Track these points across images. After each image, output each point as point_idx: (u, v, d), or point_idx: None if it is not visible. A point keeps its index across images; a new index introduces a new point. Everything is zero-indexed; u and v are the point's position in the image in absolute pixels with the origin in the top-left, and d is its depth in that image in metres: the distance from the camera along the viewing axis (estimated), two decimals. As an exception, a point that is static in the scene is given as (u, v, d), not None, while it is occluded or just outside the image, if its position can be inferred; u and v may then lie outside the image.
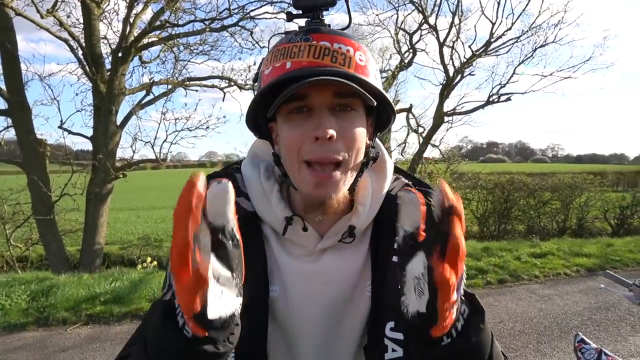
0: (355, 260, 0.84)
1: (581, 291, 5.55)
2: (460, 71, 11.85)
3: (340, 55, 0.73)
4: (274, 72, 0.74)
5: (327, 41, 0.73)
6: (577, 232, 11.43)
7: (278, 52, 0.75)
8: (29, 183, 7.93)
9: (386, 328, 0.79)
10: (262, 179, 0.83)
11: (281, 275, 0.82)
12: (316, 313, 0.83)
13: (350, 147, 0.73)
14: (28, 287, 5.15)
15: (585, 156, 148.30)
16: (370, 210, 0.83)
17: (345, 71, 0.72)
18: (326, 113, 0.72)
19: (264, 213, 0.82)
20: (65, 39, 8.52)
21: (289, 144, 0.74)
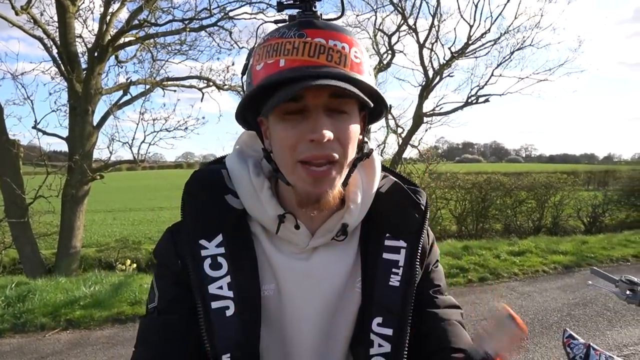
0: (346, 257, 0.85)
1: (559, 288, 5.68)
2: (440, 72, 12.01)
3: (335, 53, 0.70)
4: (266, 69, 0.72)
5: (322, 37, 0.71)
6: (552, 230, 11.71)
7: (270, 47, 0.72)
8: (1, 185, 7.69)
9: (373, 323, 0.80)
10: (252, 176, 0.81)
11: (274, 274, 0.81)
12: (310, 312, 0.83)
13: (344, 146, 0.73)
14: (3, 292, 4.98)
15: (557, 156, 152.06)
16: (362, 208, 0.83)
17: (341, 71, 0.70)
18: (322, 115, 0.71)
19: (254, 211, 0.80)
20: (39, 37, 8.30)
21: (284, 143, 0.73)
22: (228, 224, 0.80)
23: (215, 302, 0.75)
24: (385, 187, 0.88)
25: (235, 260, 0.78)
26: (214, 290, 0.76)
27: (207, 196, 0.81)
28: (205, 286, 0.76)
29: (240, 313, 0.76)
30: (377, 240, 0.84)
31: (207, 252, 0.77)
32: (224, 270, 0.77)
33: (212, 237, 0.78)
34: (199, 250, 0.77)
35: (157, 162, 60.99)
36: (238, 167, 0.83)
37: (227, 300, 0.76)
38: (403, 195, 0.87)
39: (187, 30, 9.04)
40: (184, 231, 0.80)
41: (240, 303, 0.76)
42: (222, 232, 0.79)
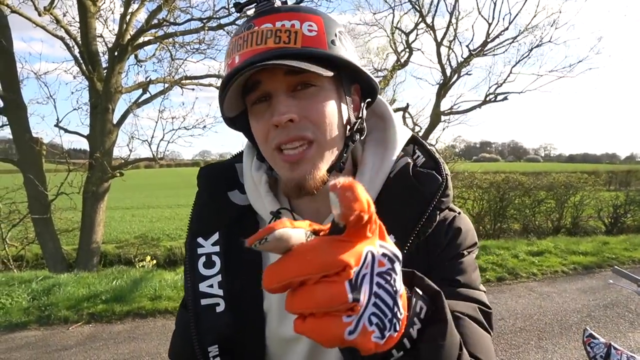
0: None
1: (579, 289, 5.60)
2: (457, 71, 11.91)
3: (284, 33, 0.67)
4: (227, 69, 0.72)
5: (270, 22, 0.68)
6: (571, 231, 11.52)
7: (229, 49, 0.73)
8: (25, 182, 7.88)
9: None
10: (253, 170, 0.81)
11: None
12: None
13: (318, 124, 0.69)
14: (28, 286, 5.11)
15: (577, 155, 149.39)
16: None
17: (290, 49, 0.67)
18: (283, 97, 0.68)
19: (256, 205, 0.80)
20: (61, 37, 8.47)
21: (258, 135, 0.72)
22: (227, 222, 0.80)
23: (204, 299, 0.76)
24: (394, 171, 0.78)
25: (232, 259, 0.78)
26: (204, 289, 0.76)
27: (209, 193, 0.83)
28: (197, 284, 0.77)
29: (232, 310, 0.76)
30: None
31: (203, 250, 0.78)
32: (216, 268, 0.77)
33: (209, 236, 0.79)
34: (196, 248, 0.78)
35: (175, 160, 61.67)
36: (245, 160, 0.84)
37: (216, 298, 0.76)
38: (406, 181, 0.76)
39: (205, 29, 9.12)
40: (189, 227, 0.82)
41: (232, 301, 0.76)
42: (219, 231, 0.79)
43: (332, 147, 0.71)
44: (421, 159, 0.80)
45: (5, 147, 9.27)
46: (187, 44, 9.85)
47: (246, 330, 0.76)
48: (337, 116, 0.71)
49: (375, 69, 13.91)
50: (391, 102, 13.69)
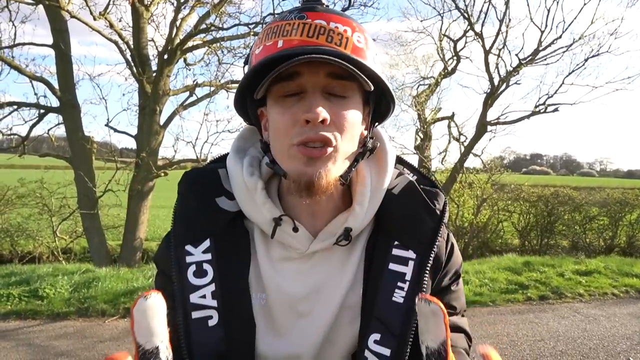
0: (348, 263, 0.77)
1: (631, 314, 5.23)
2: (506, 80, 11.52)
3: (336, 35, 0.67)
4: (264, 51, 0.69)
5: (324, 20, 0.68)
6: (626, 251, 10.85)
7: (270, 30, 0.70)
8: (76, 178, 8.27)
9: (370, 339, 0.72)
10: (245, 175, 0.76)
11: (266, 282, 0.76)
12: (306, 323, 0.76)
13: (342, 132, 0.68)
14: (71, 278, 5.33)
15: (636, 171, 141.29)
16: (369, 210, 0.76)
17: (340, 51, 0.67)
18: (319, 95, 0.67)
19: (250, 212, 0.76)
20: (115, 41, 8.85)
21: (278, 126, 0.69)
22: (218, 229, 0.76)
23: (196, 311, 0.72)
24: (398, 188, 0.79)
25: (224, 267, 0.74)
26: (195, 300, 0.72)
27: (196, 199, 0.78)
28: (187, 295, 0.72)
29: (225, 322, 0.72)
30: (384, 248, 0.76)
31: (193, 258, 0.74)
32: (209, 277, 0.73)
33: (198, 243, 0.75)
34: (184, 256, 0.74)
35: (220, 163, 63.09)
36: (233, 166, 0.79)
37: (210, 309, 0.72)
38: (417, 197, 0.78)
39: (252, 34, 9.28)
40: (171, 235, 0.77)
41: (225, 312, 0.72)
42: (210, 237, 0.75)
43: (347, 157, 0.72)
44: (413, 177, 0.83)
45: (60, 145, 9.73)
46: (234, 49, 10.07)
47: (236, 345, 0.73)
48: (357, 129, 0.72)
49: (421, 77, 13.72)
50: (436, 110, 13.43)
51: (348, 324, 0.76)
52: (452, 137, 12.97)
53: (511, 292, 5.76)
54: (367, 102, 0.75)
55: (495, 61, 11.67)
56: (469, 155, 12.35)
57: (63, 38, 8.02)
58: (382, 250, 0.76)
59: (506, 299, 5.56)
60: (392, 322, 0.72)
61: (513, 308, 5.34)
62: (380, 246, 0.77)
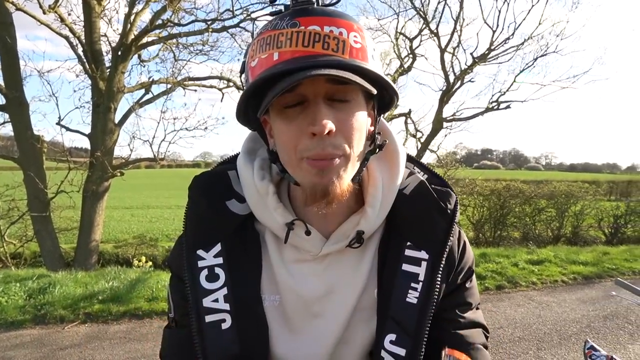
0: (361, 264, 0.78)
1: (579, 299, 5.57)
2: (461, 78, 11.90)
3: (332, 40, 0.64)
4: (260, 64, 0.67)
5: (317, 25, 0.65)
6: (571, 240, 11.50)
7: (263, 40, 0.67)
8: (25, 179, 7.87)
9: (386, 340, 0.74)
10: (256, 179, 0.76)
11: (279, 284, 0.77)
12: (321, 324, 0.78)
13: (350, 139, 0.67)
14: (25, 284, 5.09)
15: (578, 165, 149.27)
16: (381, 212, 0.76)
17: (339, 59, 0.64)
18: (322, 105, 0.65)
19: (262, 217, 0.77)
20: (65, 36, 8.49)
21: (285, 139, 0.68)
22: (229, 232, 0.77)
23: (209, 315, 0.73)
24: (409, 188, 0.80)
25: (235, 271, 0.75)
26: (208, 304, 0.73)
27: (207, 203, 0.78)
28: (200, 299, 0.73)
29: (238, 325, 0.73)
30: (397, 249, 0.77)
31: (204, 262, 0.74)
32: (221, 281, 0.74)
33: (210, 247, 0.75)
34: (196, 261, 0.75)
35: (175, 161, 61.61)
36: (244, 169, 0.79)
37: (222, 313, 0.73)
38: (429, 197, 0.79)
39: (209, 30, 9.13)
40: (183, 240, 0.77)
41: (238, 315, 0.73)
42: (221, 242, 0.76)
43: (357, 160, 0.70)
44: (424, 176, 0.83)
45: (6, 144, 9.24)
46: (190, 45, 9.88)
47: (249, 347, 0.74)
48: (364, 130, 0.71)
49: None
50: (393, 107, 13.67)
51: (363, 324, 0.78)
52: (409, 134, 13.27)
53: (470, 282, 5.98)
54: (371, 97, 0.73)
55: (451, 59, 12.04)
56: (426, 151, 12.69)
57: (8, 31, 7.58)
58: (395, 251, 0.77)
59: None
60: (407, 323, 0.74)
61: (472, 298, 5.56)
62: (393, 247, 0.78)
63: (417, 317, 0.74)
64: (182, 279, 0.76)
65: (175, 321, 0.80)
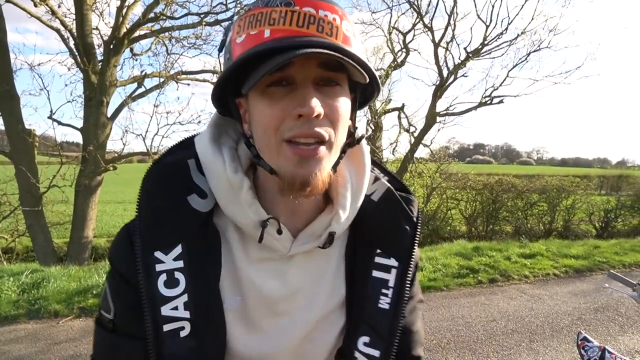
0: (327, 265, 0.78)
1: (570, 292, 5.64)
2: (454, 72, 11.93)
3: (327, 24, 0.63)
4: (248, 40, 0.63)
5: (312, 7, 0.62)
6: (563, 234, 11.62)
7: (253, 17, 0.63)
8: (17, 174, 7.80)
9: (359, 342, 0.76)
10: (229, 172, 0.69)
11: (242, 284, 0.74)
12: (286, 320, 0.76)
13: (335, 124, 0.65)
14: (18, 278, 5.06)
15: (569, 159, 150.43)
16: (350, 214, 0.74)
17: (333, 43, 0.62)
18: (311, 88, 0.62)
19: (233, 213, 0.71)
20: (56, 29, 8.40)
21: (266, 121, 0.63)
22: (190, 232, 0.70)
23: (167, 324, 0.68)
24: (377, 195, 0.79)
25: (196, 274, 0.69)
26: (167, 312, 0.67)
27: (165, 198, 0.70)
28: (158, 307, 0.67)
29: (196, 332, 0.69)
30: (367, 256, 0.78)
31: (163, 266, 0.68)
32: (180, 287, 0.68)
33: (169, 249, 0.68)
34: (154, 264, 0.68)
35: (168, 155, 61.20)
36: (211, 159, 0.71)
37: (181, 321, 0.68)
38: (397, 205, 0.80)
39: (202, 24, 9.08)
40: (137, 239, 0.69)
41: (197, 322, 0.69)
42: (181, 243, 0.69)
43: (338, 149, 0.68)
44: (387, 180, 0.82)
45: (-4, 139, 9.14)
46: (183, 39, 9.81)
47: (207, 352, 0.70)
48: (347, 119, 0.68)
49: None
50: (387, 101, 13.70)
51: (329, 325, 0.78)
52: (402, 128, 13.31)
53: (463, 276, 6.04)
54: (354, 90, 0.71)
55: (444, 54, 12.07)
56: (419, 146, 12.73)
57: (-2, 24, 7.50)
58: (365, 257, 0.78)
59: (459, 283, 5.82)
60: (380, 327, 0.76)
61: (465, 291, 5.61)
62: (362, 253, 0.78)
63: (390, 321, 0.76)
64: (128, 281, 0.70)
65: (114, 325, 0.71)
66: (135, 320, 0.69)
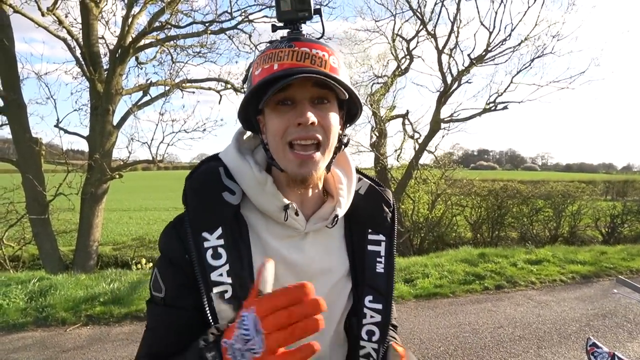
0: (332, 243, 1.01)
1: (577, 298, 5.61)
2: (458, 79, 11.94)
3: (317, 58, 0.87)
4: (263, 72, 0.87)
5: (307, 47, 0.87)
6: (569, 240, 11.57)
7: (266, 56, 0.88)
8: (24, 182, 7.85)
9: (365, 300, 0.99)
10: (255, 172, 0.92)
11: (274, 256, 0.90)
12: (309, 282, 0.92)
13: (327, 131, 0.87)
14: (25, 286, 5.09)
15: (574, 165, 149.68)
16: (347, 202, 0.99)
17: (322, 70, 0.85)
18: (307, 104, 0.85)
19: (261, 202, 0.93)
20: (63, 38, 8.47)
21: (275, 129, 0.86)
22: (227, 218, 0.90)
23: (216, 287, 0.86)
24: (363, 190, 1.06)
25: (233, 250, 0.89)
26: (215, 277, 0.86)
27: (207, 193, 0.92)
28: (209, 274, 0.86)
29: (237, 295, 0.86)
30: (361, 235, 1.02)
31: (209, 243, 0.88)
32: (223, 259, 0.87)
33: (213, 230, 0.89)
34: (202, 242, 0.88)
35: (173, 163, 61.60)
36: (240, 164, 0.94)
37: (226, 285, 0.86)
38: (378, 195, 1.06)
39: (207, 32, 9.14)
40: (187, 225, 0.89)
41: (236, 286, 0.87)
42: (221, 226, 0.89)
43: (330, 151, 0.91)
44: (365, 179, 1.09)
45: (4, 147, 9.23)
46: (188, 47, 9.87)
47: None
48: (337, 128, 0.91)
49: (375, 76, 13.97)
50: (391, 108, 13.72)
51: (340, 288, 1.00)
52: (406, 135, 13.32)
53: (469, 282, 6.02)
54: (342, 107, 0.95)
55: (448, 61, 12.09)
56: (423, 152, 12.73)
57: (6, 34, 7.58)
58: (360, 236, 1.03)
59: (465, 289, 5.81)
60: (379, 286, 1.01)
61: (472, 298, 5.59)
62: (358, 233, 1.03)
63: (386, 281, 1.01)
64: (177, 264, 0.89)
65: (164, 301, 0.89)
66: (183, 295, 0.87)
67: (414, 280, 6.09)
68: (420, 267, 6.59)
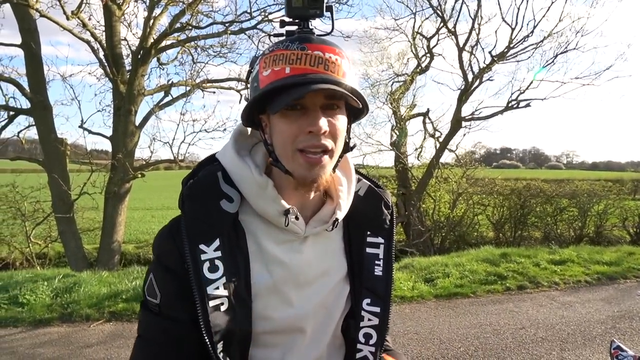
0: (331, 246, 0.99)
1: (603, 299, 5.47)
2: (479, 76, 11.77)
3: (331, 64, 0.84)
4: (273, 74, 0.84)
5: (320, 51, 0.84)
6: (594, 240, 11.28)
7: (276, 57, 0.85)
8: (50, 181, 8.06)
9: (363, 303, 0.99)
10: (256, 176, 0.90)
11: (270, 263, 0.91)
12: (308, 290, 0.95)
13: (336, 138, 0.86)
14: (51, 283, 5.22)
15: (600, 163, 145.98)
16: (347, 204, 0.97)
17: (335, 78, 0.84)
18: (319, 112, 0.83)
19: (261, 206, 0.90)
20: (87, 40, 8.65)
21: (285, 135, 0.84)
22: (224, 229, 0.88)
23: (212, 301, 0.84)
24: (362, 191, 1.04)
25: (230, 262, 0.87)
26: (211, 291, 0.84)
27: (204, 203, 0.89)
28: (204, 288, 0.84)
29: (232, 306, 0.86)
30: (360, 237, 1.01)
31: (206, 256, 0.86)
32: (220, 272, 0.86)
33: (210, 242, 0.86)
34: (199, 254, 0.85)
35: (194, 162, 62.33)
36: (240, 168, 0.92)
37: (222, 298, 0.85)
38: (377, 196, 1.05)
39: (227, 32, 9.21)
40: (184, 233, 0.87)
41: (232, 298, 0.86)
42: (219, 237, 0.87)
43: (337, 155, 0.90)
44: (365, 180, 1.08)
45: (31, 147, 9.48)
46: (208, 48, 9.95)
47: (239, 322, 0.87)
48: (344, 132, 0.91)
49: (395, 74, 13.88)
50: (411, 107, 13.61)
51: (338, 291, 0.99)
52: (427, 133, 13.19)
53: (490, 282, 5.94)
54: (347, 108, 0.92)
55: (469, 58, 11.93)
56: (444, 151, 12.59)
57: (33, 37, 7.79)
58: (359, 238, 1.02)
59: (486, 289, 5.73)
60: (377, 289, 1.00)
61: (493, 298, 5.51)
62: (356, 235, 1.02)
63: (385, 284, 1.01)
64: (173, 271, 0.88)
65: (160, 309, 0.88)
66: (178, 306, 0.86)
67: (434, 279, 6.03)
68: (440, 266, 6.52)
